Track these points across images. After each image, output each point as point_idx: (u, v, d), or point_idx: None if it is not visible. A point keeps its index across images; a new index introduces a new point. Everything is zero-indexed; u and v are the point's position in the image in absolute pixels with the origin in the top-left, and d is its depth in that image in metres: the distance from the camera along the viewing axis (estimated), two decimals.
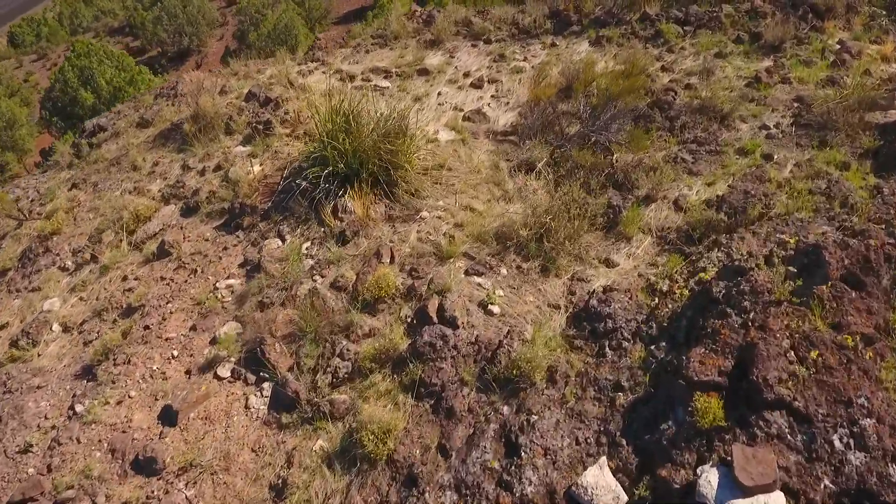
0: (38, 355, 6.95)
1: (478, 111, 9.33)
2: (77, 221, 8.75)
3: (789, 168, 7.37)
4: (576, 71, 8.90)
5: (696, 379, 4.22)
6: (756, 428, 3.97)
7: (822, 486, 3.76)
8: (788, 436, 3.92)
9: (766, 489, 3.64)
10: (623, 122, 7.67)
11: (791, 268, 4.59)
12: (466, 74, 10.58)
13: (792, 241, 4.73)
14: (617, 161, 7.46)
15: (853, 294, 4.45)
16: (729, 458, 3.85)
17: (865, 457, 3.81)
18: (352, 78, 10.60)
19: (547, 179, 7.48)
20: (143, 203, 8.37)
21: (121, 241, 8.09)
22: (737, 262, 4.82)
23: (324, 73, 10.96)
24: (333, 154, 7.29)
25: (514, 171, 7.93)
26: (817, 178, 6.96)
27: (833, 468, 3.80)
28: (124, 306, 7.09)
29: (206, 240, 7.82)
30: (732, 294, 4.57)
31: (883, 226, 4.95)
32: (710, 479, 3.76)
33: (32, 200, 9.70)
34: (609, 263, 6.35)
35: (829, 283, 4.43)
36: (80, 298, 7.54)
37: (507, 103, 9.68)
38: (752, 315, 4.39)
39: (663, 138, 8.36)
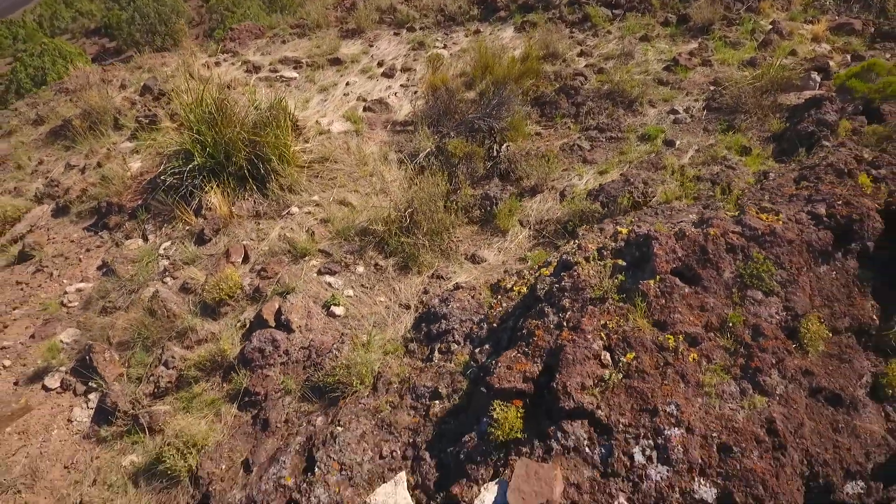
0: None
1: (380, 101, 8.95)
2: None
3: (689, 154, 6.98)
4: (477, 58, 8.51)
5: (497, 386, 3.83)
6: (553, 440, 3.58)
7: None
8: (586, 448, 3.52)
9: None
10: (511, 108, 7.28)
11: (620, 261, 4.20)
12: (381, 63, 10.20)
13: (624, 231, 4.33)
14: (507, 150, 7.07)
15: (686, 289, 4.06)
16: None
17: (668, 471, 3.42)
18: (258, 69, 10.22)
19: (431, 170, 7.09)
20: (12, 204, 8.00)
21: None
22: (565, 256, 4.42)
23: (232, 64, 10.58)
24: (196, 147, 6.92)
25: (402, 163, 7.54)
26: (713, 164, 6.57)
27: (631, 484, 3.41)
28: None
29: (72, 241, 7.44)
30: (554, 291, 4.17)
31: (737, 213, 4.54)
32: (484, 499, 3.37)
33: None
34: (475, 259, 5.95)
35: (658, 277, 4.04)
36: None
37: (416, 93, 9.30)
38: (568, 314, 4.00)
39: (567, 125, 7.97)
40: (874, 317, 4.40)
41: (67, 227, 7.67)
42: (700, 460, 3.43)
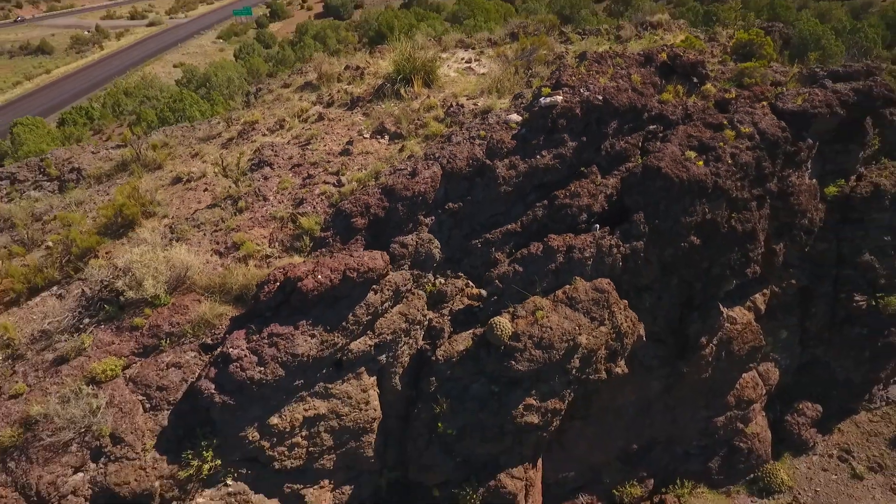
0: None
1: (468, 67, 20.03)
2: (265, 118, 18.96)
3: None
4: (518, 43, 19.77)
5: (542, 86, 14.43)
6: (559, 94, 14.10)
7: (577, 98, 13.84)
8: (569, 91, 14.06)
9: (554, 96, 13.72)
10: (536, 54, 18.35)
11: (578, 57, 14.96)
12: (462, 58, 21.43)
13: (581, 49, 15.14)
14: (533, 65, 18.04)
15: (596, 65, 14.81)
16: (556, 93, 13.92)
17: (589, 92, 13.98)
18: None
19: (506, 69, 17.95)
20: (303, 104, 18.66)
21: (295, 119, 18.27)
22: (559, 61, 15.24)
23: (381, 59, 21.81)
24: (403, 67, 17.81)
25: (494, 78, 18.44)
26: None
27: (578, 96, 13.93)
28: (310, 131, 17.09)
29: (340, 114, 18.04)
30: (559, 66, 14.89)
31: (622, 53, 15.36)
32: (541, 97, 13.86)
33: (228, 120, 19.86)
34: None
35: (588, 59, 14.81)
36: (280, 137, 17.57)
37: (484, 66, 20.40)
38: (562, 70, 14.72)
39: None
40: (659, 82, 15.19)
41: (335, 110, 18.30)
42: (597, 91, 14.01)
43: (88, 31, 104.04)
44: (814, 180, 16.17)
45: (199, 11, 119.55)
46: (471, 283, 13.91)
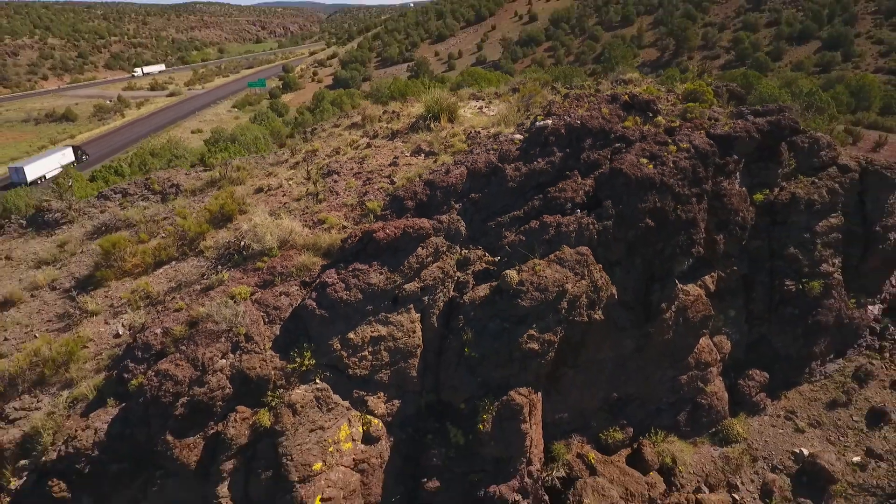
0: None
1: (481, 111, 26.48)
2: (324, 147, 25.14)
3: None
4: (520, 97, 26.29)
5: (538, 113, 20.68)
6: (549, 117, 20.31)
7: (563, 122, 20.04)
8: (556, 116, 20.27)
9: (546, 120, 19.92)
10: (535, 97, 24.77)
11: (565, 95, 21.30)
12: (475, 106, 27.95)
13: (565, 92, 21.45)
14: (531, 107, 24.43)
15: (576, 101, 21.12)
16: (547, 118, 20.12)
17: (571, 118, 20.21)
18: None
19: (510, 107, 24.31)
20: (354, 136, 24.87)
21: (348, 147, 24.45)
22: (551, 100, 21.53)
23: (412, 107, 28.29)
24: (432, 108, 24.18)
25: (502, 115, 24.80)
26: None
27: (563, 120, 20.14)
28: (362, 154, 23.22)
29: (385, 143, 24.24)
30: (551, 102, 21.19)
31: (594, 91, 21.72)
32: (537, 122, 20.05)
33: (293, 150, 26.03)
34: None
35: (570, 97, 21.15)
36: (338, 159, 23.68)
37: (493, 110, 26.85)
38: (550, 104, 21.02)
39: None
40: (622, 114, 21.56)
41: (380, 140, 24.54)
42: (576, 117, 20.25)
43: (110, 101, 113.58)
44: (743, 188, 22.16)
45: (216, 83, 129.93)
46: (487, 255, 19.58)
